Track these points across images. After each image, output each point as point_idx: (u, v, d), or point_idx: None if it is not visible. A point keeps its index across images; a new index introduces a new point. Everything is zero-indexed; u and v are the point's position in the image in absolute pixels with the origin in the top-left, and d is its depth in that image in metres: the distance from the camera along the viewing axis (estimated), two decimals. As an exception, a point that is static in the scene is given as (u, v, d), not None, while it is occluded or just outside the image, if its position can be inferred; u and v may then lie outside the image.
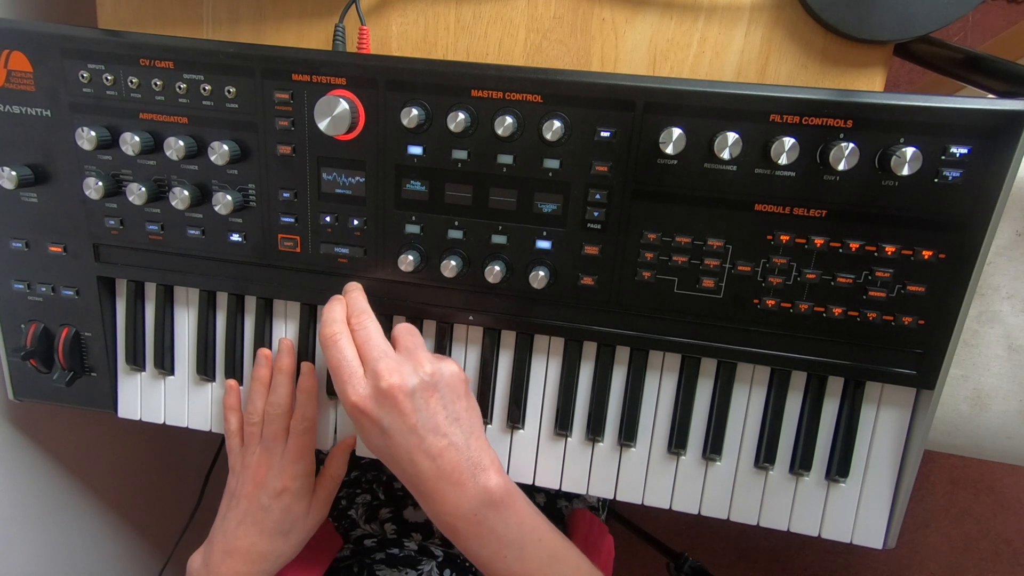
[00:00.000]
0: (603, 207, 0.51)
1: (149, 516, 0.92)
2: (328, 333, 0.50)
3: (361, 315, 0.51)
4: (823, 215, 0.48)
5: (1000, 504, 1.40)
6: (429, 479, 0.48)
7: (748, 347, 0.53)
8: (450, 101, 0.49)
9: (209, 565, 0.56)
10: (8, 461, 0.69)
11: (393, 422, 0.47)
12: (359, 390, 0.48)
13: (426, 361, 0.49)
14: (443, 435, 0.48)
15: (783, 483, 0.56)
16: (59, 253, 0.59)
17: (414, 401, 0.47)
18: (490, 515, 0.48)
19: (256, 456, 0.57)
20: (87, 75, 0.53)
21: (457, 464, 0.48)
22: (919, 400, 0.53)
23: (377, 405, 0.47)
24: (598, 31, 0.54)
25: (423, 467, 0.48)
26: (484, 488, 0.48)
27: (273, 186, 0.54)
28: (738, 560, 1.45)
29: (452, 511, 0.48)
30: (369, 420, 0.48)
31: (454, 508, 0.48)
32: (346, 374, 0.48)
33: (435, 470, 0.48)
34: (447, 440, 0.48)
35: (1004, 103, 0.44)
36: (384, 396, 0.47)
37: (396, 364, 0.48)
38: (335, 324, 0.50)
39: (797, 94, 0.46)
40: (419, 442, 0.47)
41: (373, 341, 0.50)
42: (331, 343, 0.49)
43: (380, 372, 0.47)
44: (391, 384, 0.47)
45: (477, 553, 0.49)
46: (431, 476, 0.48)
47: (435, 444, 0.48)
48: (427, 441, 0.48)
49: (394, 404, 0.47)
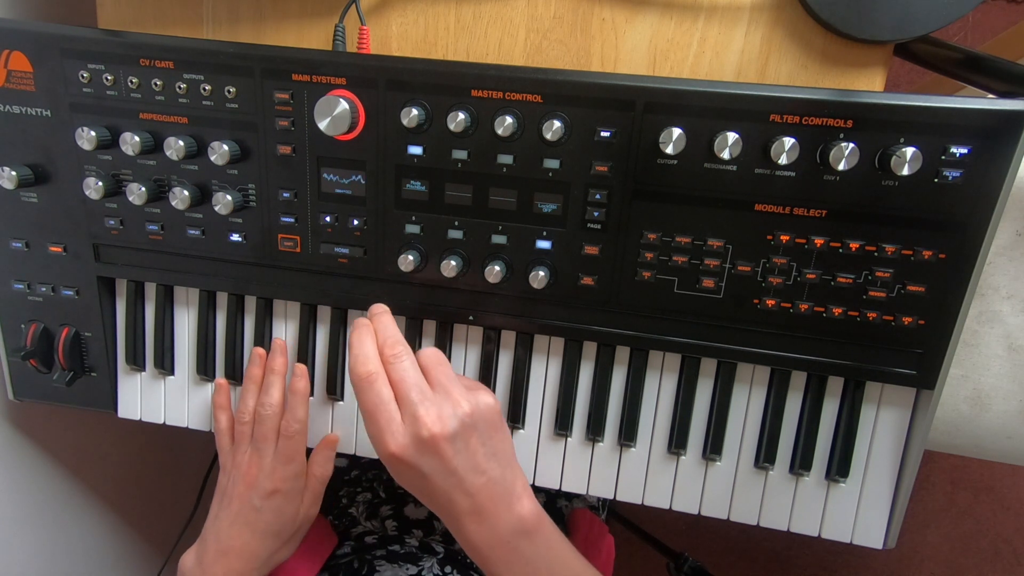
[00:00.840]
0: (603, 207, 0.51)
1: (149, 516, 0.92)
2: (362, 373, 0.46)
3: (395, 346, 0.48)
4: (823, 215, 0.48)
5: (1000, 504, 1.40)
6: (464, 514, 0.46)
7: (748, 347, 0.53)
8: (450, 101, 0.49)
9: (203, 564, 0.56)
10: (8, 461, 0.69)
11: (433, 467, 0.45)
12: (399, 439, 0.45)
13: (463, 399, 0.47)
14: (482, 472, 0.46)
15: (783, 483, 0.56)
16: (59, 253, 0.59)
17: (455, 445, 0.45)
18: (522, 542, 0.47)
19: (247, 456, 0.57)
20: (87, 75, 0.53)
21: (493, 497, 0.47)
22: (919, 400, 0.53)
23: (417, 453, 0.45)
24: (598, 31, 0.54)
25: (460, 504, 0.46)
26: (518, 516, 0.47)
27: (273, 186, 0.54)
28: (738, 560, 1.45)
29: (485, 540, 0.47)
30: (408, 468, 0.46)
31: (487, 538, 0.47)
32: (383, 420, 0.45)
33: (472, 506, 0.46)
34: (485, 477, 0.47)
35: (1004, 103, 0.44)
36: (425, 445, 0.45)
37: (436, 409, 0.45)
38: (369, 363, 0.46)
39: (797, 94, 0.46)
40: (458, 483, 0.46)
41: (410, 380, 0.46)
42: (366, 385, 0.46)
43: (420, 419, 0.45)
44: (433, 434, 0.44)
45: None
46: (467, 511, 0.46)
47: (474, 482, 0.46)
48: (466, 481, 0.46)
49: (435, 452, 0.45)
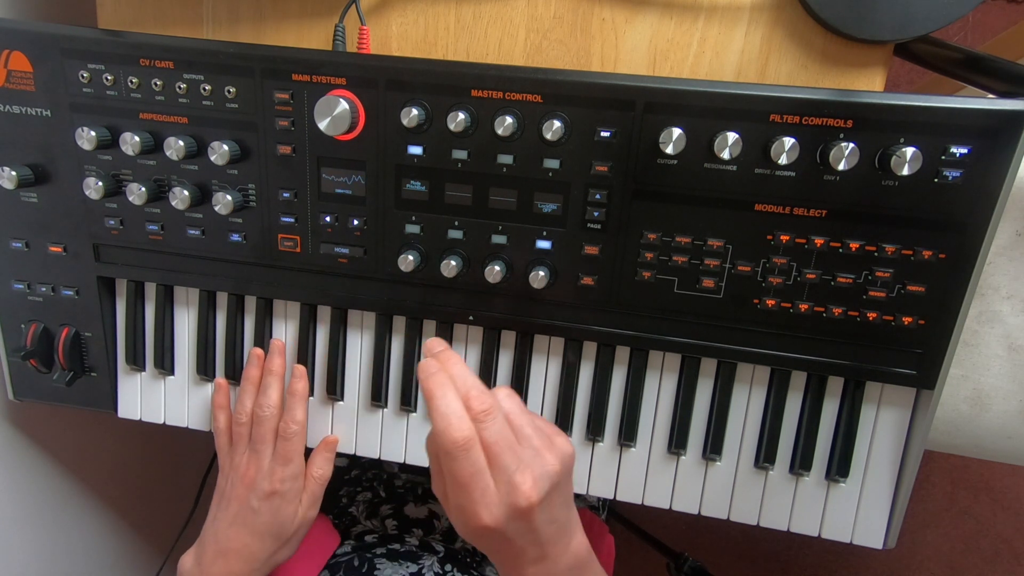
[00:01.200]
0: (603, 207, 0.51)
1: (149, 516, 0.92)
2: (459, 440, 0.41)
3: (484, 401, 0.43)
4: (823, 215, 0.48)
5: (1000, 504, 1.40)
6: (529, 562, 0.44)
7: (748, 347, 0.53)
8: (450, 101, 0.49)
9: (202, 565, 0.56)
10: (8, 461, 0.69)
11: (518, 531, 0.42)
12: (494, 512, 0.41)
13: (550, 455, 0.43)
14: (553, 521, 0.44)
15: (783, 483, 0.56)
16: (59, 253, 0.59)
17: (542, 508, 0.42)
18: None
19: (245, 457, 0.57)
20: (87, 75, 0.53)
21: (557, 540, 0.45)
22: (919, 400, 0.53)
23: (509, 521, 0.41)
24: (598, 31, 0.54)
25: (529, 555, 0.44)
26: (574, 554, 0.46)
27: (273, 186, 0.54)
28: (738, 560, 1.45)
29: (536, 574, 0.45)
30: (496, 536, 0.42)
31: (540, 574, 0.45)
32: (478, 492, 0.41)
33: (539, 554, 0.44)
34: (556, 524, 0.44)
35: (1004, 103, 0.44)
36: (520, 514, 0.41)
37: (530, 473, 0.41)
38: (464, 426, 0.41)
39: (797, 94, 0.46)
40: (535, 539, 0.43)
41: (503, 440, 0.42)
42: (463, 453, 0.41)
43: (517, 487, 0.41)
44: (531, 503, 0.41)
45: None
46: (533, 559, 0.44)
47: (546, 531, 0.43)
48: (541, 533, 0.43)
49: (527, 519, 0.42)
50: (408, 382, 0.59)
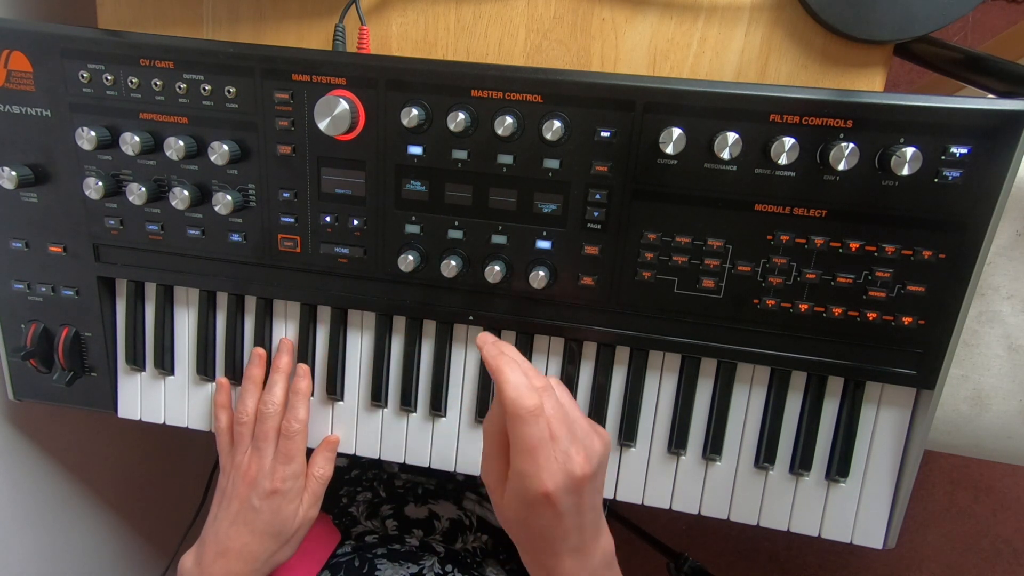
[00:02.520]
0: (603, 207, 0.51)
1: (149, 516, 0.92)
2: (530, 406, 0.43)
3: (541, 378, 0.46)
4: (823, 215, 0.48)
5: (1000, 504, 1.40)
6: (568, 552, 0.45)
7: (748, 347, 0.53)
8: (450, 101, 0.49)
9: (202, 565, 0.56)
10: (8, 461, 0.69)
11: (570, 508, 0.44)
12: (556, 478, 0.43)
13: (596, 438, 0.46)
14: (594, 507, 0.46)
15: (783, 483, 0.56)
16: (59, 253, 0.59)
17: (591, 485, 0.45)
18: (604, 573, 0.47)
19: (247, 456, 0.57)
20: (87, 75, 0.53)
21: (593, 532, 0.46)
22: (919, 400, 0.53)
23: (565, 492, 0.43)
24: (598, 31, 0.54)
25: (571, 542, 0.45)
26: (604, 548, 0.47)
27: (273, 186, 0.54)
28: (738, 560, 1.45)
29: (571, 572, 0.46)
30: (551, 507, 0.44)
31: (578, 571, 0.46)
32: (543, 458, 0.43)
33: (579, 542, 0.45)
34: (595, 512, 0.46)
35: (1004, 103, 0.44)
36: (575, 484, 0.43)
37: (583, 448, 0.44)
38: (534, 395, 0.43)
39: (797, 94, 0.46)
40: (580, 521, 0.45)
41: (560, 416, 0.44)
42: (533, 419, 0.43)
43: (573, 457, 0.43)
44: (584, 474, 0.43)
45: None
46: (573, 548, 0.45)
47: (587, 518, 0.45)
48: (585, 518, 0.45)
49: (579, 491, 0.44)
50: (408, 382, 0.59)
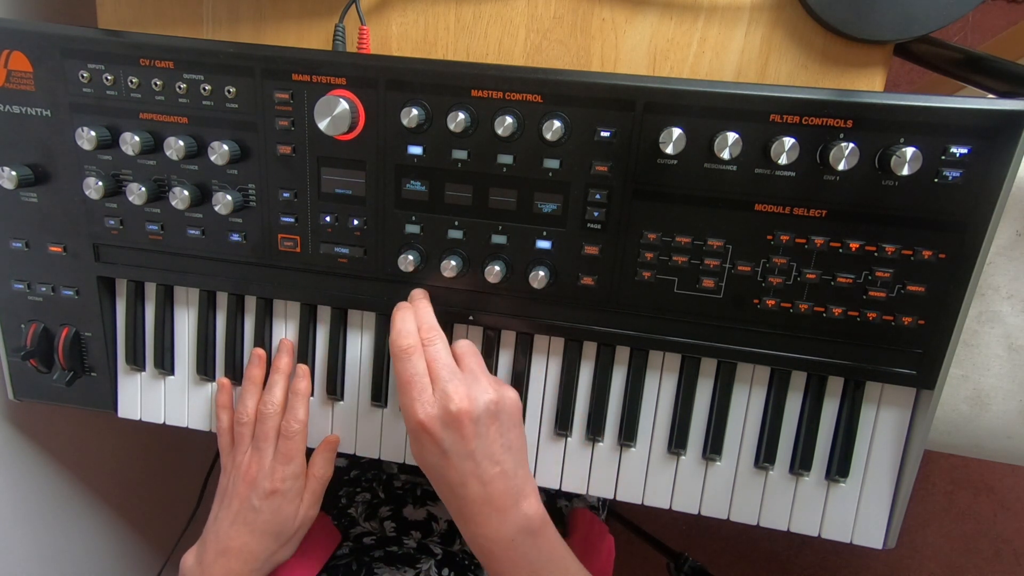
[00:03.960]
0: (603, 207, 0.51)
1: (149, 516, 0.92)
2: (403, 345, 0.49)
3: (432, 330, 0.51)
4: (823, 215, 0.48)
5: (1000, 504, 1.40)
6: (475, 503, 0.48)
7: (748, 347, 0.53)
8: (450, 101, 0.49)
9: (202, 564, 0.56)
10: (8, 461, 0.69)
11: (454, 445, 0.48)
12: (428, 409, 0.48)
13: (491, 387, 0.49)
14: (497, 463, 0.48)
15: (783, 483, 0.56)
16: (59, 253, 0.59)
17: (477, 427, 0.48)
18: (526, 541, 0.49)
19: (247, 456, 0.57)
20: (87, 75, 0.53)
21: (504, 491, 0.48)
22: (919, 400, 0.53)
23: (443, 426, 0.47)
24: (598, 31, 0.54)
25: (473, 491, 0.48)
26: (524, 515, 0.49)
27: (273, 186, 0.54)
28: (738, 560, 1.45)
29: (492, 535, 0.49)
30: (431, 439, 0.48)
31: (494, 533, 0.48)
32: (416, 390, 0.48)
33: (483, 496, 0.48)
34: (499, 468, 0.48)
35: (1004, 103, 0.44)
36: (451, 419, 0.47)
37: (465, 388, 0.48)
38: (410, 337, 0.49)
39: (797, 94, 0.46)
40: (474, 468, 0.48)
41: (443, 360, 0.49)
42: (405, 356, 0.49)
43: (450, 394, 0.47)
44: (460, 408, 0.47)
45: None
46: (478, 501, 0.48)
47: (488, 471, 0.48)
48: (482, 467, 0.48)
49: (459, 428, 0.47)
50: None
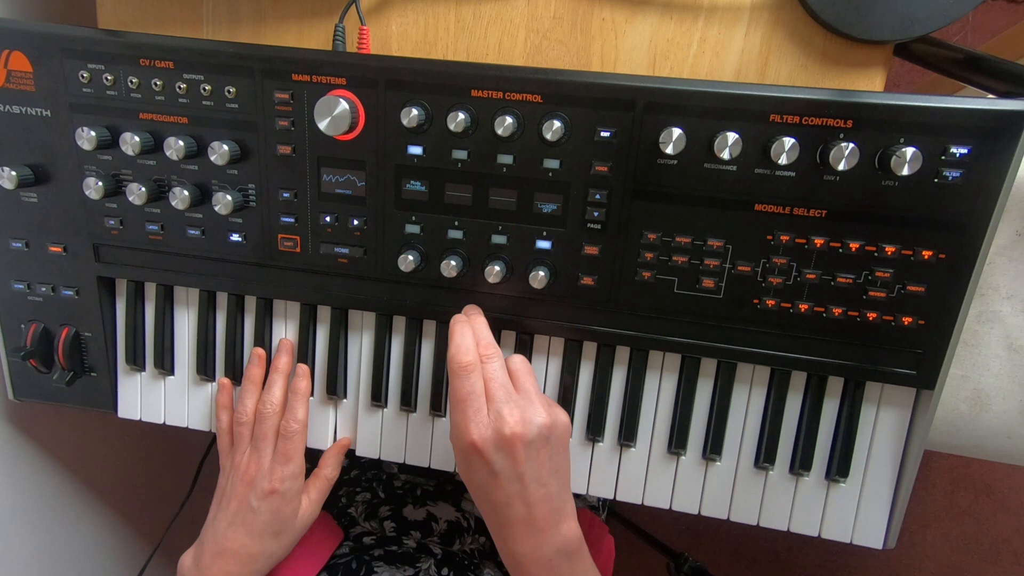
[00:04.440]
0: (603, 207, 0.51)
1: (149, 516, 0.92)
2: (463, 362, 0.49)
3: (490, 347, 0.51)
4: (823, 215, 0.48)
5: (1000, 504, 1.40)
6: (518, 524, 0.48)
7: (748, 347, 0.53)
8: (450, 101, 0.49)
9: (200, 565, 0.56)
10: (8, 461, 0.69)
11: (504, 467, 0.48)
12: (482, 431, 0.47)
13: (544, 410, 0.49)
14: (543, 485, 0.48)
15: (783, 483, 0.56)
16: (59, 253, 0.59)
17: (528, 451, 0.48)
18: (563, 563, 0.49)
19: (246, 456, 0.57)
20: (87, 75, 0.53)
21: (548, 513, 0.49)
22: (919, 400, 0.53)
23: (495, 448, 0.47)
24: (598, 31, 0.54)
25: (517, 512, 0.48)
26: (564, 537, 0.49)
27: (273, 186, 0.54)
28: (738, 560, 1.45)
29: (530, 555, 0.49)
30: (482, 460, 0.48)
31: (532, 552, 0.48)
32: (472, 409, 0.48)
33: (527, 517, 0.48)
34: (545, 490, 0.48)
35: (1004, 103, 0.44)
36: (505, 442, 0.47)
37: (520, 412, 0.48)
38: (469, 354, 0.49)
39: (797, 94, 0.46)
40: (521, 490, 0.48)
41: (500, 379, 0.49)
42: (464, 373, 0.49)
43: (505, 417, 0.47)
44: (515, 432, 0.47)
45: None
46: (521, 521, 0.48)
47: (535, 493, 0.48)
48: (528, 489, 0.48)
49: (511, 451, 0.47)
50: (408, 382, 0.59)
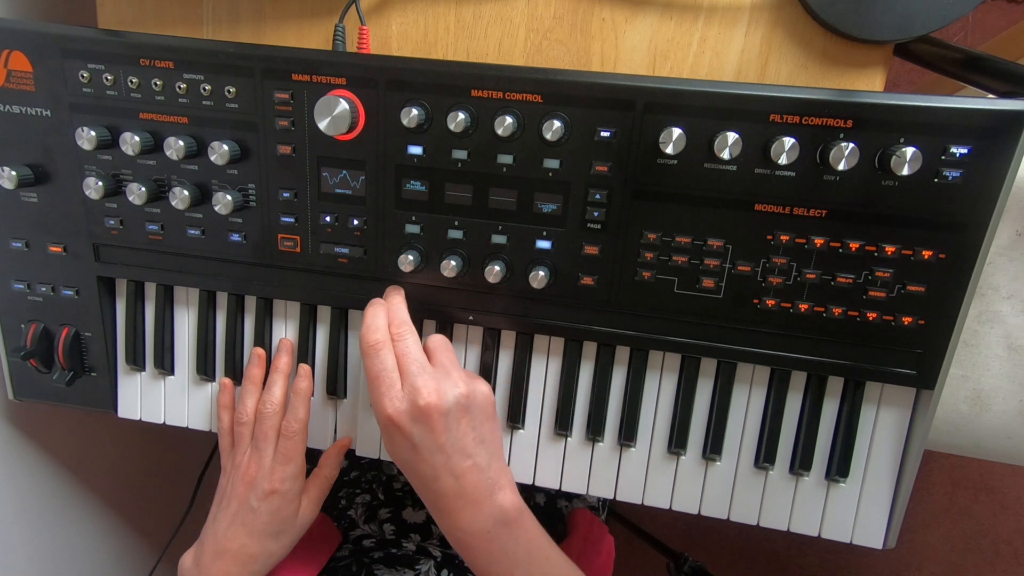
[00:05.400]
0: (603, 207, 0.51)
1: (150, 516, 0.92)
2: (371, 341, 0.50)
3: (403, 325, 0.51)
4: (823, 215, 0.48)
5: (1000, 504, 1.40)
6: (449, 496, 0.49)
7: (748, 347, 0.53)
8: (450, 101, 0.49)
9: (200, 566, 0.56)
10: (8, 461, 0.69)
11: (424, 439, 0.48)
12: (396, 404, 0.48)
13: (461, 381, 0.49)
14: (469, 456, 0.49)
15: (783, 483, 0.56)
16: (59, 253, 0.59)
17: (447, 421, 0.48)
18: (503, 533, 0.49)
19: (246, 456, 0.57)
20: (87, 75, 0.53)
21: (478, 484, 0.49)
22: (919, 400, 0.53)
23: (411, 421, 0.48)
24: (598, 31, 0.54)
25: (446, 485, 0.48)
26: (500, 507, 0.49)
27: (273, 186, 0.54)
28: (738, 560, 1.45)
29: (467, 528, 0.49)
30: (401, 434, 0.48)
31: (469, 525, 0.49)
32: (385, 385, 0.48)
33: (456, 488, 0.48)
34: (472, 461, 0.49)
35: (1004, 103, 0.44)
36: (420, 413, 0.47)
37: (434, 382, 0.48)
38: (378, 332, 0.50)
39: (797, 94, 0.46)
40: (445, 461, 0.48)
41: (413, 354, 0.50)
42: (373, 351, 0.49)
43: (419, 389, 0.48)
44: (428, 403, 0.47)
45: (486, 569, 0.50)
46: (451, 494, 0.48)
47: (460, 464, 0.48)
48: (453, 460, 0.48)
49: (428, 422, 0.47)
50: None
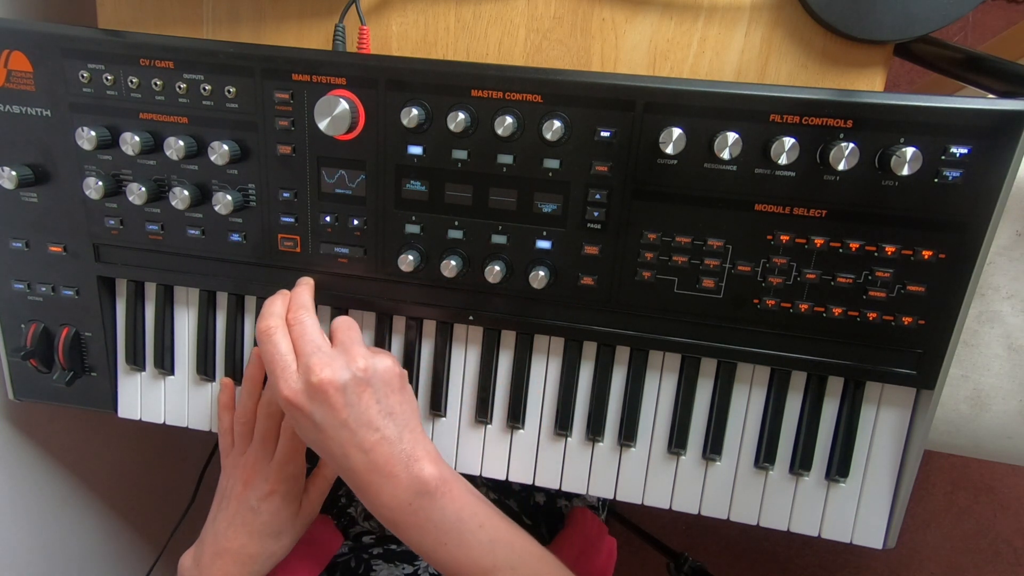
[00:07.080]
0: (603, 207, 0.51)
1: (150, 516, 0.92)
2: (263, 327, 0.50)
3: (299, 310, 0.52)
4: (823, 215, 0.48)
5: (1000, 504, 1.40)
6: (362, 472, 0.49)
7: (748, 347, 0.53)
8: (450, 101, 0.49)
9: (200, 566, 0.56)
10: (8, 461, 0.69)
11: (325, 417, 0.48)
12: (291, 384, 0.48)
13: (360, 356, 0.49)
14: (375, 429, 0.48)
15: (783, 483, 0.56)
16: (59, 253, 0.59)
17: (346, 396, 0.48)
18: (425, 504, 0.49)
19: (246, 457, 0.57)
20: (87, 75, 0.53)
21: (389, 457, 0.49)
22: (919, 400, 0.53)
23: (309, 399, 0.48)
24: (598, 31, 0.54)
25: (356, 461, 0.48)
26: (417, 478, 0.49)
27: (273, 186, 0.54)
28: (738, 560, 1.45)
29: (387, 503, 0.49)
30: (301, 414, 0.48)
31: (389, 500, 0.49)
32: (279, 368, 0.49)
33: (367, 464, 0.48)
34: (379, 434, 0.49)
35: (1004, 103, 0.44)
36: (315, 391, 0.47)
37: (328, 359, 0.48)
38: (272, 318, 0.51)
39: (797, 94, 0.46)
40: (351, 436, 0.48)
41: (308, 336, 0.50)
42: (265, 336, 0.50)
43: (312, 367, 0.48)
44: (322, 379, 0.47)
45: (419, 543, 0.50)
46: (364, 469, 0.48)
47: (367, 439, 0.48)
48: (359, 435, 0.48)
49: (325, 399, 0.47)
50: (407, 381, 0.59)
